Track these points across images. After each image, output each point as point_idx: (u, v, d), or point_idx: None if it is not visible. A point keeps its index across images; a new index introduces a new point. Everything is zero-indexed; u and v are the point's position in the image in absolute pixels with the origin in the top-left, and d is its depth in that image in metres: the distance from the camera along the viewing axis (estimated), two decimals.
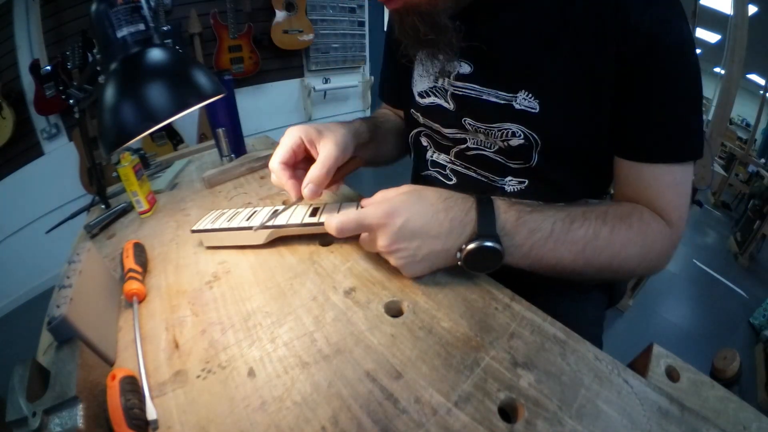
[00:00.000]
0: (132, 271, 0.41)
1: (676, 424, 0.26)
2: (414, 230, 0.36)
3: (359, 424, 0.26)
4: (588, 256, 0.38)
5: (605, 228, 0.38)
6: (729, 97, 1.42)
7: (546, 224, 0.37)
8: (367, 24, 2.84)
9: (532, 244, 0.37)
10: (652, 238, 0.40)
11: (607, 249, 0.38)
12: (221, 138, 0.74)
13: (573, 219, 0.38)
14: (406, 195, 0.38)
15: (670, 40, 0.36)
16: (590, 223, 0.38)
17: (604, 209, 0.40)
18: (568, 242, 0.37)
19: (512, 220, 0.37)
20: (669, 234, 0.41)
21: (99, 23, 0.39)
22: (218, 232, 0.46)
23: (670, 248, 0.42)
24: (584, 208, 0.40)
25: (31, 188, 1.81)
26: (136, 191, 0.59)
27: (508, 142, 0.46)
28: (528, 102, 0.42)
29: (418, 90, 0.54)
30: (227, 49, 2.17)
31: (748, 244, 2.41)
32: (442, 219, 0.36)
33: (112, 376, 0.28)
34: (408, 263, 0.37)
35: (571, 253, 0.38)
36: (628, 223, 0.39)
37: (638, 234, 0.39)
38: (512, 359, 0.31)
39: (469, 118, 0.48)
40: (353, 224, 0.37)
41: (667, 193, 0.41)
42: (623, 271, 0.41)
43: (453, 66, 0.47)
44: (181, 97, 0.41)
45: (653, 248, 0.40)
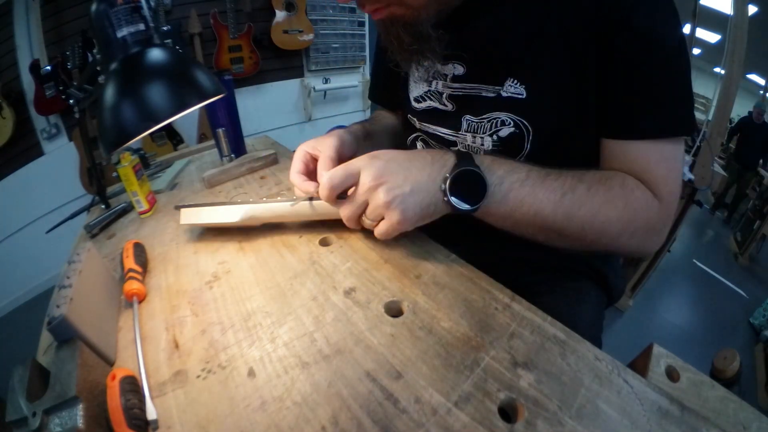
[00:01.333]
0: (132, 271, 0.41)
1: (676, 424, 0.26)
2: (399, 163, 0.38)
3: (359, 424, 0.26)
4: (567, 207, 0.37)
5: (582, 184, 0.38)
6: (729, 97, 1.42)
7: (522, 168, 0.38)
8: (367, 24, 2.84)
9: (511, 183, 0.38)
10: (636, 205, 0.38)
11: (586, 203, 0.37)
12: (221, 138, 0.74)
13: (548, 172, 0.39)
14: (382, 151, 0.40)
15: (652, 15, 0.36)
16: (566, 178, 0.38)
17: (581, 171, 0.40)
18: (545, 189, 0.37)
19: (488, 159, 0.39)
20: (656, 206, 0.39)
21: (99, 23, 0.39)
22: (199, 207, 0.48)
23: (657, 222, 0.40)
24: (560, 169, 0.39)
25: (31, 188, 1.81)
26: (136, 191, 0.59)
27: (498, 133, 0.46)
28: (515, 88, 0.43)
29: (414, 95, 0.55)
30: (227, 49, 2.17)
31: (748, 244, 2.41)
32: (423, 154, 0.39)
33: (112, 376, 0.28)
34: (397, 195, 0.37)
35: (549, 201, 0.37)
36: (608, 185, 0.38)
37: (619, 196, 0.38)
38: (512, 359, 0.31)
39: (468, 114, 0.48)
40: (341, 171, 0.39)
41: (656, 168, 0.40)
42: (607, 236, 0.39)
43: (448, 69, 0.48)
44: (181, 97, 0.41)
45: (637, 216, 0.39)
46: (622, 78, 0.39)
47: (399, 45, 0.42)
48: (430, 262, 0.42)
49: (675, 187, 0.40)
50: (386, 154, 0.39)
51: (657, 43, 0.37)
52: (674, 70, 0.38)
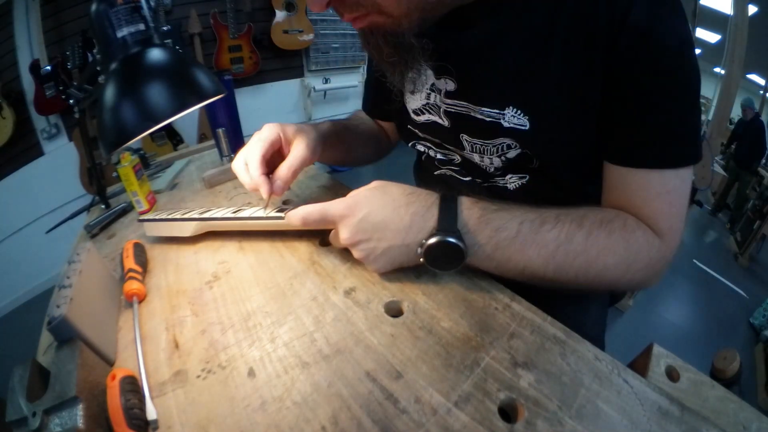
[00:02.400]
0: (132, 271, 0.41)
1: (676, 424, 0.26)
2: (374, 224, 0.36)
3: (359, 424, 0.26)
4: (559, 261, 0.35)
5: (580, 232, 0.35)
6: (729, 97, 1.42)
7: (512, 224, 0.35)
8: None
9: (497, 243, 0.35)
10: (637, 248, 0.36)
11: (581, 255, 0.35)
12: (221, 138, 0.74)
13: (544, 221, 0.36)
14: (370, 190, 0.38)
15: (666, 39, 0.34)
16: (563, 226, 0.36)
17: (582, 213, 0.37)
18: (537, 244, 0.35)
19: (475, 217, 0.36)
20: (657, 245, 0.37)
21: (99, 23, 0.39)
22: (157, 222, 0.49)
23: (657, 261, 0.38)
24: (559, 211, 0.37)
25: (31, 188, 1.81)
26: (136, 191, 0.59)
27: (506, 155, 0.45)
28: (517, 119, 0.41)
29: (413, 108, 0.53)
30: (227, 49, 2.17)
31: (748, 244, 2.41)
32: (402, 214, 0.36)
33: (112, 376, 0.28)
34: (368, 255, 0.37)
35: (540, 256, 0.35)
36: (608, 229, 0.36)
37: (619, 242, 0.36)
38: (512, 359, 0.31)
39: (466, 135, 0.47)
40: (317, 215, 0.38)
41: (656, 201, 0.37)
42: (603, 282, 0.37)
43: (441, 84, 0.46)
44: (181, 97, 0.41)
45: (638, 259, 0.37)
46: (624, 101, 0.36)
47: (379, 56, 0.40)
48: None
49: (677, 223, 0.38)
50: (363, 206, 0.37)
51: (678, 68, 0.35)
52: (687, 97, 0.36)
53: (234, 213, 0.47)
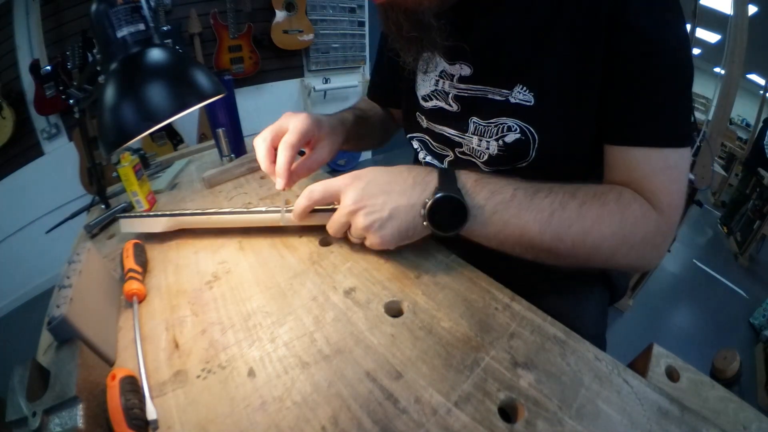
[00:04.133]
0: (132, 271, 0.41)
1: (676, 424, 0.26)
2: (379, 185, 0.38)
3: (359, 424, 0.26)
4: (555, 227, 0.36)
5: (574, 201, 0.36)
6: (729, 97, 1.42)
7: (507, 188, 0.37)
8: (367, 24, 2.84)
9: (495, 205, 0.37)
10: (633, 220, 0.36)
11: (577, 222, 0.36)
12: (221, 138, 0.74)
13: (538, 189, 0.37)
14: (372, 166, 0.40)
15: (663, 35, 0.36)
16: (557, 195, 0.37)
17: (576, 186, 0.38)
18: (532, 209, 0.36)
19: (472, 180, 0.38)
20: (655, 219, 0.37)
21: (99, 23, 0.39)
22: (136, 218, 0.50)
23: (657, 236, 0.38)
24: (552, 184, 0.38)
25: (31, 188, 1.81)
26: (136, 191, 0.59)
27: (504, 139, 0.45)
28: (523, 95, 0.42)
29: (422, 94, 0.54)
30: (227, 49, 2.17)
31: (748, 244, 2.41)
32: (405, 176, 0.38)
33: (112, 376, 0.28)
34: (375, 220, 0.38)
35: (536, 221, 0.36)
36: (602, 200, 0.37)
37: (614, 212, 0.36)
38: (512, 359, 0.31)
39: (475, 117, 0.48)
40: (320, 188, 0.40)
41: (657, 176, 0.38)
42: (600, 255, 0.37)
43: (455, 69, 0.48)
44: (181, 97, 0.41)
45: (634, 231, 0.37)
46: (623, 82, 0.38)
47: (398, 32, 0.42)
48: (430, 262, 0.42)
49: (676, 199, 0.38)
50: (367, 174, 0.39)
51: (658, 45, 0.36)
52: (678, 75, 0.37)
53: None
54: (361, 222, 0.38)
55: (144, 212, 0.50)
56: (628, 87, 0.38)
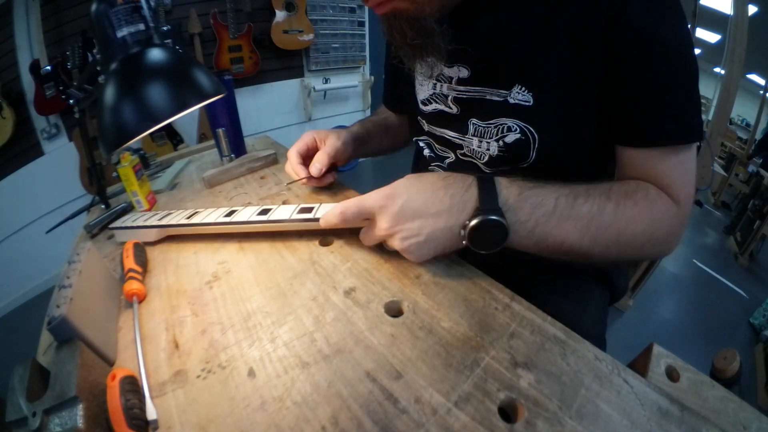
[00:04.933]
0: (132, 271, 0.41)
1: (676, 424, 0.26)
2: (415, 209, 0.36)
3: (359, 424, 0.26)
4: (594, 233, 0.37)
5: (610, 204, 0.37)
6: (729, 97, 1.42)
7: (549, 200, 0.36)
8: (367, 24, 2.84)
9: (537, 219, 0.36)
10: (660, 215, 0.39)
11: (613, 225, 0.37)
12: (221, 138, 0.74)
13: (577, 195, 0.37)
14: (406, 179, 0.39)
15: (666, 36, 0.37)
16: (594, 200, 0.37)
17: (608, 186, 0.39)
18: (573, 218, 0.36)
19: (514, 195, 0.36)
20: (676, 212, 0.40)
21: (99, 23, 0.39)
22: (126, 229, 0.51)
23: (677, 227, 0.40)
24: (587, 186, 0.39)
25: (31, 188, 1.81)
26: (136, 191, 0.59)
27: (504, 139, 0.46)
28: (522, 95, 0.43)
29: (421, 98, 0.55)
30: (227, 49, 2.17)
31: (748, 244, 2.41)
32: (441, 195, 0.36)
33: (112, 376, 0.28)
34: (412, 244, 0.37)
35: (576, 229, 0.37)
36: (634, 199, 0.38)
37: (644, 211, 0.38)
38: (512, 359, 0.31)
39: (474, 118, 0.48)
40: (354, 209, 0.38)
41: (673, 171, 0.40)
42: (632, 250, 0.39)
43: (453, 71, 0.48)
44: (181, 97, 0.41)
45: (661, 226, 0.39)
46: (630, 83, 0.38)
47: (402, 40, 0.42)
48: (430, 261, 0.42)
49: (690, 189, 0.41)
50: (402, 192, 0.37)
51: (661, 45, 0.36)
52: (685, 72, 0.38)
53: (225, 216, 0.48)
54: (397, 245, 0.38)
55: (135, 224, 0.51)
56: (635, 88, 0.38)
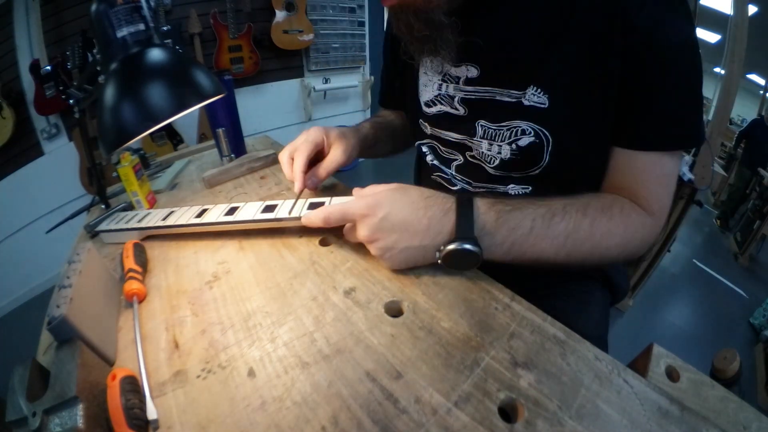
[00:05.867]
0: (132, 271, 0.41)
1: (676, 424, 0.26)
2: (393, 224, 0.37)
3: (359, 424, 0.26)
4: (569, 248, 0.39)
5: (585, 220, 0.39)
6: (729, 97, 1.42)
7: (526, 221, 0.38)
8: (367, 24, 2.84)
9: (513, 241, 0.38)
10: (633, 228, 0.41)
11: (588, 240, 0.39)
12: (221, 138, 0.74)
13: (554, 213, 0.39)
14: (391, 191, 0.39)
15: (670, 38, 0.37)
16: (571, 217, 0.39)
17: (585, 201, 0.41)
18: (549, 237, 0.38)
19: (491, 220, 0.37)
20: (650, 223, 0.42)
21: (99, 23, 0.39)
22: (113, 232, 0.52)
23: (649, 236, 0.43)
24: (565, 201, 0.40)
25: (31, 188, 1.81)
26: (136, 191, 0.59)
27: (517, 143, 0.45)
28: (537, 97, 0.42)
29: (424, 99, 0.54)
30: (227, 49, 2.17)
31: (748, 244, 2.41)
32: (420, 216, 0.37)
33: (112, 376, 0.28)
34: (385, 253, 0.39)
35: (552, 246, 0.38)
36: (609, 214, 0.40)
37: (619, 224, 0.40)
38: (512, 359, 0.31)
39: (483, 120, 0.47)
40: (338, 215, 0.40)
41: (653, 184, 0.42)
42: (605, 260, 0.42)
43: (461, 71, 0.47)
44: (181, 97, 0.41)
45: (634, 237, 0.41)
46: (635, 86, 0.38)
47: (410, 33, 0.42)
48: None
49: (667, 202, 0.43)
50: (384, 206, 0.38)
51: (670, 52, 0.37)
52: (690, 88, 0.39)
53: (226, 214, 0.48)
54: (373, 252, 0.40)
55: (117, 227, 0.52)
56: (639, 91, 0.39)
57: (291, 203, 0.47)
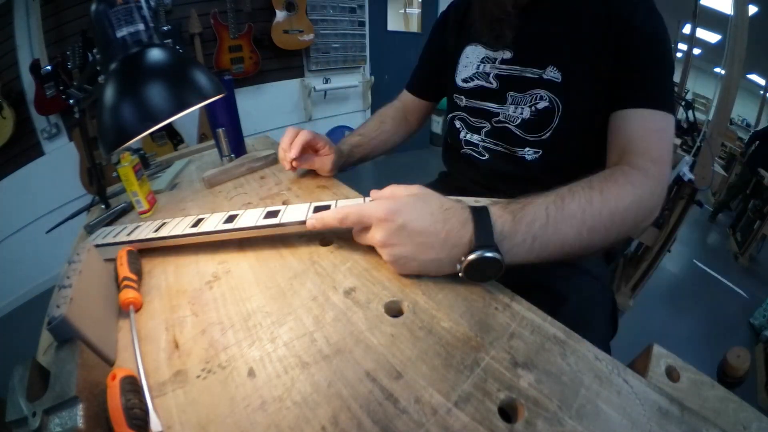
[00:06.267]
0: (127, 279, 0.40)
1: (676, 424, 0.26)
2: (411, 233, 0.37)
3: (359, 424, 0.26)
4: (590, 223, 0.39)
5: (594, 192, 0.41)
6: (729, 97, 1.41)
7: (540, 211, 0.38)
8: (368, 24, 2.84)
9: (534, 234, 0.38)
10: (639, 183, 0.43)
11: (604, 209, 0.40)
12: (221, 138, 0.74)
13: (563, 196, 0.40)
14: (412, 198, 0.39)
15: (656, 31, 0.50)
16: (579, 194, 0.40)
17: (588, 179, 0.43)
18: (566, 218, 0.39)
19: (509, 222, 0.37)
20: (653, 174, 0.45)
21: (99, 23, 0.39)
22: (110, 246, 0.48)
23: (657, 186, 0.45)
24: (570, 185, 0.42)
25: (31, 188, 1.81)
26: (136, 191, 0.59)
27: (536, 106, 0.57)
28: (553, 73, 0.55)
29: (462, 77, 0.67)
30: (227, 49, 2.17)
31: (748, 244, 2.41)
32: (439, 229, 0.37)
33: (113, 376, 0.28)
34: (399, 262, 0.38)
35: (572, 227, 0.39)
36: (613, 179, 0.43)
37: (626, 185, 0.42)
38: (512, 359, 0.31)
39: (512, 91, 0.60)
40: (355, 216, 0.39)
41: (651, 136, 0.48)
42: (628, 224, 0.42)
43: (498, 54, 0.61)
44: (181, 97, 0.41)
45: (644, 193, 0.43)
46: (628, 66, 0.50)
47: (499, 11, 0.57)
48: None
49: (666, 155, 0.48)
50: (403, 214, 0.37)
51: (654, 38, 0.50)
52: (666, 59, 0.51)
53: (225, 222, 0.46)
54: (385, 257, 0.39)
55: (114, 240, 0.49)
56: (631, 69, 0.50)
57: (294, 208, 0.46)
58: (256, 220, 0.45)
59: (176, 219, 0.50)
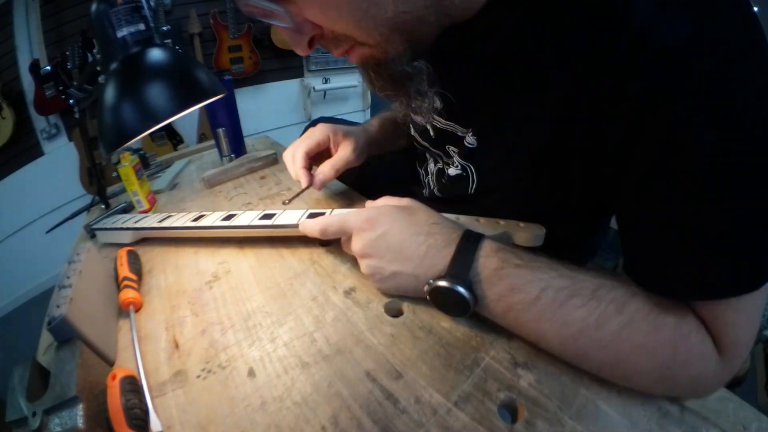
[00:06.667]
0: (127, 279, 0.40)
1: (676, 424, 0.26)
2: (388, 245, 0.35)
3: (359, 424, 0.26)
4: (581, 347, 0.28)
5: (617, 318, 0.27)
6: None
7: (532, 287, 0.29)
8: None
9: (509, 304, 0.30)
10: (685, 357, 0.27)
11: (610, 347, 0.28)
12: (221, 138, 0.74)
13: (574, 293, 0.29)
14: (396, 209, 0.37)
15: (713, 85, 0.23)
16: (598, 306, 0.28)
17: (632, 292, 0.29)
18: (557, 320, 0.29)
19: (491, 268, 0.31)
20: (715, 361, 0.27)
21: (99, 23, 0.39)
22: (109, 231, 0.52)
23: (710, 379, 0.28)
24: (602, 282, 0.29)
25: (31, 188, 1.81)
26: (137, 191, 0.59)
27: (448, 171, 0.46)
28: (469, 138, 0.41)
29: None
30: (227, 49, 2.17)
31: None
32: (420, 242, 0.34)
33: (113, 376, 0.28)
34: (375, 274, 0.36)
35: (558, 336, 0.29)
36: (656, 323, 0.27)
37: (665, 344, 0.27)
38: (512, 359, 0.31)
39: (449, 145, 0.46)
40: (336, 226, 0.39)
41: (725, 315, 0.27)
42: (631, 383, 0.29)
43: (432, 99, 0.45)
44: (181, 97, 0.41)
45: (683, 372, 0.27)
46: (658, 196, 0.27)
47: (372, 88, 0.37)
48: None
49: (745, 336, 0.27)
50: (384, 223, 0.36)
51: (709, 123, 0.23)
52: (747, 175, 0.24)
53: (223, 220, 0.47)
54: (363, 269, 0.38)
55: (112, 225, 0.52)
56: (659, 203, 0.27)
57: (291, 213, 0.46)
58: (251, 220, 0.46)
59: (180, 213, 0.52)
